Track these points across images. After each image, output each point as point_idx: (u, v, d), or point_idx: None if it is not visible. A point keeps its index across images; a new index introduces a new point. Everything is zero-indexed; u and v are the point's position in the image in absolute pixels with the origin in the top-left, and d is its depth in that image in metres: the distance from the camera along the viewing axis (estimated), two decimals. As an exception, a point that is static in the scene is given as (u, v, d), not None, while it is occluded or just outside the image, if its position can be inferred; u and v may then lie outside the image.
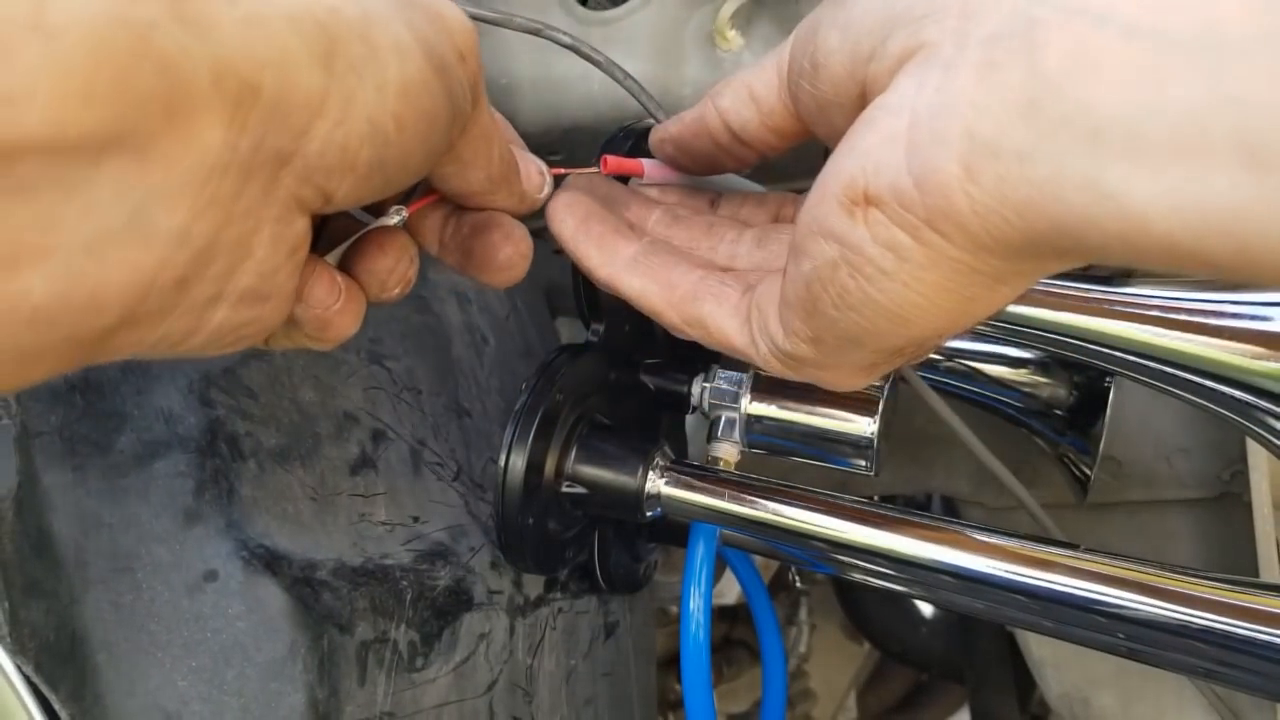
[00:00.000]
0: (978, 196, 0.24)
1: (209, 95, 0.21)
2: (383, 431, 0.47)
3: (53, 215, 0.18)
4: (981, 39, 0.25)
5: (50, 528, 0.36)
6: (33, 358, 0.20)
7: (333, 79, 0.24)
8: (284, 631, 0.38)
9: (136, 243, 0.20)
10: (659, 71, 0.58)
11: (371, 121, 0.25)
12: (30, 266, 0.18)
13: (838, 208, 0.28)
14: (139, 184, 0.20)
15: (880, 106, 0.27)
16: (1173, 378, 0.41)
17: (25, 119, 0.17)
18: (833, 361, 0.32)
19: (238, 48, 0.21)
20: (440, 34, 0.28)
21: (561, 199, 0.38)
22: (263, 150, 0.23)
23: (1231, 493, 0.65)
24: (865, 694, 1.39)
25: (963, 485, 0.75)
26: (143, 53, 0.19)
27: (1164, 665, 0.39)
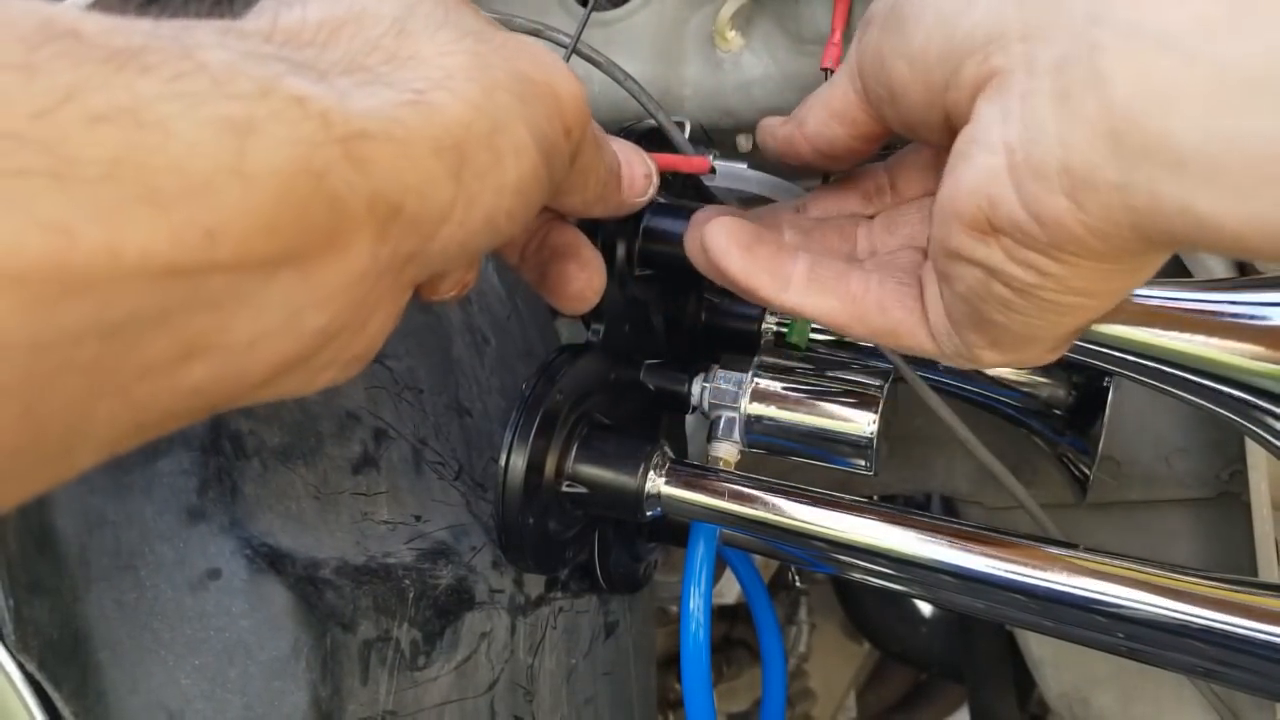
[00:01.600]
0: (1091, 223, 0.26)
1: (363, 219, 0.24)
2: (384, 431, 0.47)
3: (228, 321, 0.21)
4: (1049, 66, 0.26)
5: (53, 525, 0.36)
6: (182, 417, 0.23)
7: (460, 188, 0.26)
8: (287, 630, 0.38)
9: (287, 338, 0.23)
10: (659, 72, 0.59)
11: (488, 220, 0.28)
12: (199, 360, 0.21)
13: (967, 238, 0.29)
14: (300, 294, 0.23)
15: (970, 140, 0.28)
16: (1172, 378, 0.41)
17: (221, 248, 0.20)
18: (1019, 355, 0.33)
19: (390, 178, 0.24)
20: (553, 118, 0.30)
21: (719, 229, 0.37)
22: (398, 256, 0.26)
23: (1230, 493, 0.66)
24: (865, 693, 1.39)
25: (962, 485, 0.75)
26: (318, 193, 0.22)
27: (1163, 665, 0.39)
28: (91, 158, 0.18)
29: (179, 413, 0.23)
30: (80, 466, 0.21)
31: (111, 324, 0.19)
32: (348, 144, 0.23)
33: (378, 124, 0.24)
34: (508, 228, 0.29)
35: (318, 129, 0.22)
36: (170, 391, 0.21)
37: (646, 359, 0.55)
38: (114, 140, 0.18)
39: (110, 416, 0.20)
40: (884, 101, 0.33)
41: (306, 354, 0.25)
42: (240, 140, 0.20)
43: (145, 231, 0.19)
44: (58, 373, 0.18)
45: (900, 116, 0.33)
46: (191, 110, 0.20)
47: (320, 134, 0.22)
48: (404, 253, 0.26)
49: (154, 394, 0.21)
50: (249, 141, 0.20)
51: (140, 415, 0.21)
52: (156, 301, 0.19)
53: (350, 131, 0.23)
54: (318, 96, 0.23)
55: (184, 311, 0.20)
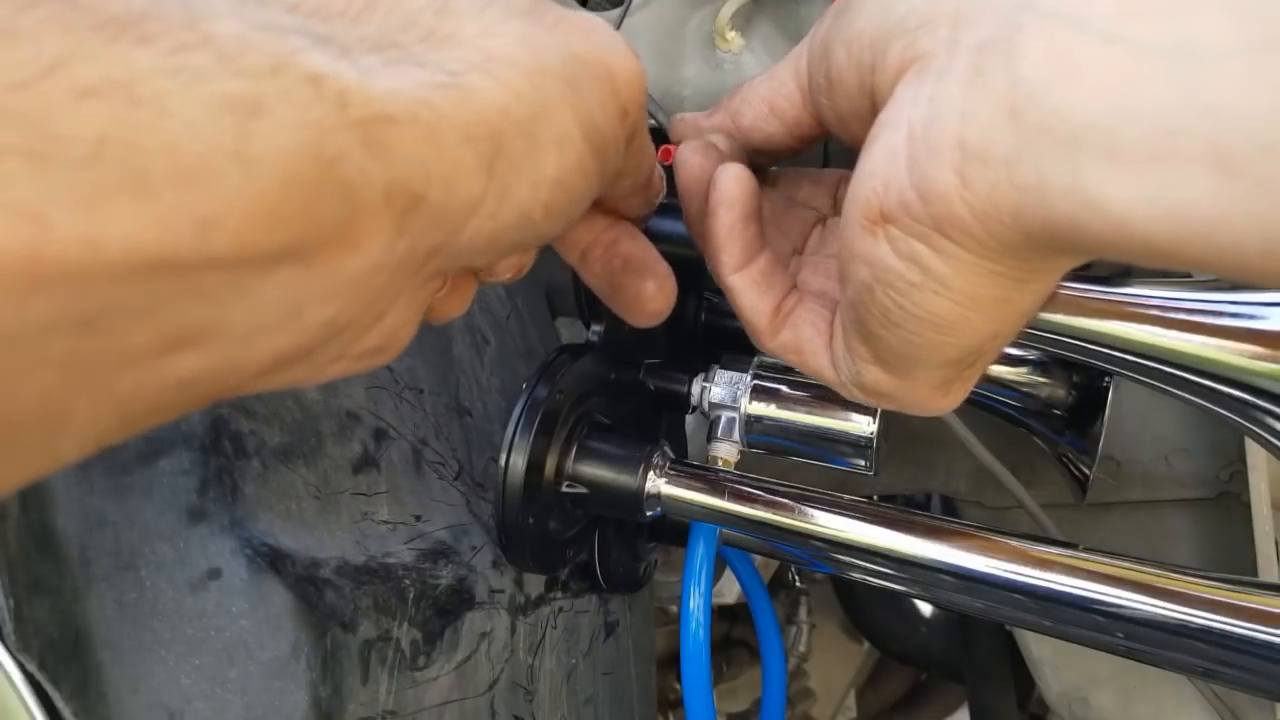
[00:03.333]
0: (974, 203, 0.25)
1: (379, 210, 0.22)
2: (385, 430, 0.47)
3: (221, 315, 0.20)
4: (970, 47, 0.25)
5: (54, 525, 0.36)
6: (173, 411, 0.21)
7: (492, 180, 0.24)
8: (287, 630, 0.38)
9: (287, 331, 0.22)
10: (659, 72, 0.59)
11: (523, 214, 0.26)
12: (188, 351, 0.20)
13: (860, 230, 0.28)
14: (303, 288, 0.21)
15: (881, 122, 0.28)
16: (1172, 377, 0.41)
17: (215, 240, 0.18)
18: (907, 383, 0.32)
19: (411, 166, 0.22)
20: (607, 102, 0.28)
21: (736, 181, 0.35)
22: (418, 249, 0.23)
23: (1230, 493, 0.66)
24: (865, 693, 1.39)
25: (962, 485, 0.75)
26: (328, 181, 0.20)
27: (1163, 664, 0.39)
28: (75, 136, 0.16)
29: (169, 406, 0.21)
30: (64, 459, 0.19)
31: (88, 317, 0.17)
32: (366, 128, 0.21)
33: (402, 106, 0.22)
34: (545, 223, 0.27)
35: (332, 111, 0.20)
36: (157, 385, 0.20)
37: (646, 359, 0.55)
38: (102, 117, 0.17)
39: (91, 411, 0.19)
40: (821, 91, 0.32)
41: (310, 347, 0.23)
42: (243, 121, 0.18)
43: (129, 221, 0.17)
44: (28, 366, 0.17)
45: (835, 106, 0.32)
46: (191, 87, 0.18)
47: (334, 116, 0.20)
48: (425, 246, 0.24)
49: (139, 387, 0.19)
50: (253, 123, 0.19)
51: (125, 409, 0.20)
52: (140, 295, 0.18)
53: (370, 114, 0.21)
54: (336, 75, 0.21)
55: (171, 305, 0.19)
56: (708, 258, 0.37)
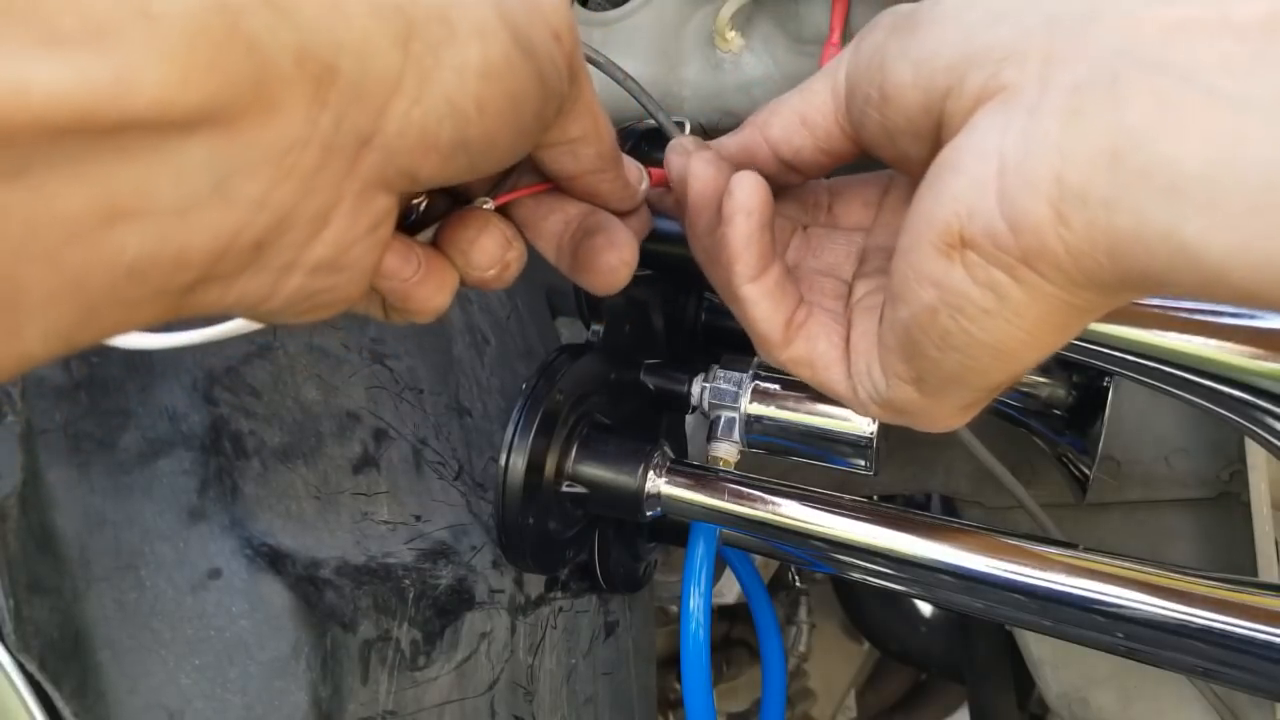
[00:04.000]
0: (1070, 240, 0.25)
1: (292, 76, 0.22)
2: (385, 430, 0.47)
3: (148, 180, 0.20)
4: (1066, 86, 0.25)
5: (54, 525, 0.36)
6: (132, 307, 0.22)
7: (409, 59, 0.25)
8: (287, 630, 0.38)
9: (220, 207, 0.22)
10: (659, 72, 0.59)
11: (450, 102, 0.26)
12: (126, 225, 0.20)
13: (933, 252, 0.28)
14: (225, 155, 0.22)
15: (964, 150, 0.28)
16: (1172, 378, 0.41)
17: (133, 97, 0.19)
18: (935, 403, 0.32)
19: (319, 31, 0.23)
20: (532, 14, 0.28)
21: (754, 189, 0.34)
22: (343, 128, 0.24)
23: (1230, 493, 0.66)
24: (865, 693, 1.39)
25: (962, 485, 0.75)
26: (235, 36, 0.21)
27: (1163, 664, 0.39)
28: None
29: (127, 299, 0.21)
30: (32, 353, 0.20)
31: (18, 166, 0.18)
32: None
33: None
34: (482, 121, 0.27)
35: None
36: (105, 264, 0.20)
37: (646, 359, 0.55)
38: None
39: (47, 289, 0.20)
40: (870, 103, 0.32)
41: (252, 235, 0.23)
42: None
43: (49, 74, 0.18)
44: None
45: (884, 121, 0.32)
46: None
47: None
48: (351, 126, 0.24)
49: (87, 264, 0.20)
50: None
51: (82, 291, 0.20)
52: (66, 149, 0.19)
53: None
54: None
55: (98, 162, 0.19)
56: (717, 269, 0.36)
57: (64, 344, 0.21)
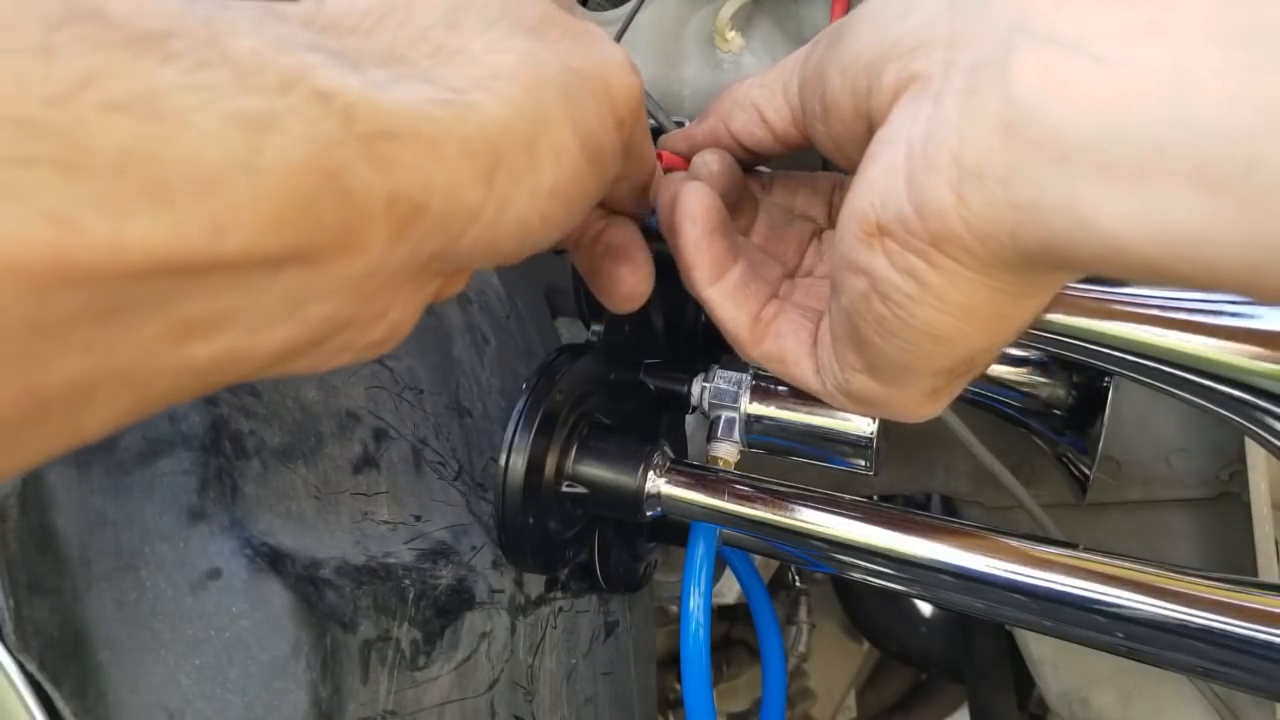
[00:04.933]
0: (971, 221, 0.25)
1: (379, 218, 0.23)
2: (385, 430, 0.47)
3: (230, 310, 0.21)
4: (965, 67, 0.25)
5: (54, 525, 0.36)
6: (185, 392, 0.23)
7: (491, 193, 0.26)
8: (287, 630, 0.38)
9: (291, 325, 0.23)
10: (659, 72, 0.59)
11: (521, 222, 0.27)
12: (200, 342, 0.21)
13: (857, 242, 0.29)
14: (305, 286, 0.22)
15: (879, 140, 0.28)
16: (1172, 378, 0.41)
17: (225, 244, 0.20)
18: (895, 391, 0.32)
19: (412, 177, 0.23)
20: (603, 112, 0.30)
21: (696, 197, 0.37)
22: (418, 254, 0.25)
23: (1230, 493, 0.66)
24: (865, 693, 1.39)
25: (962, 485, 0.75)
26: (330, 191, 0.21)
27: (1163, 664, 0.39)
28: (102, 147, 0.18)
29: (186, 388, 0.22)
30: (87, 435, 0.21)
31: (108, 310, 0.19)
32: (370, 142, 0.22)
33: (406, 122, 0.23)
34: (543, 230, 0.28)
35: (338, 126, 0.22)
36: (173, 371, 0.21)
37: (646, 359, 0.55)
38: (127, 130, 0.18)
39: (112, 392, 0.20)
40: (817, 117, 0.33)
41: (315, 339, 0.24)
42: (255, 136, 0.20)
43: (149, 224, 0.18)
44: (55, 352, 0.18)
45: (830, 132, 0.32)
46: (210, 103, 0.19)
47: (340, 131, 0.22)
48: (426, 252, 0.25)
49: (156, 373, 0.21)
50: (264, 137, 0.20)
51: (143, 391, 0.21)
52: (155, 291, 0.19)
53: (374, 130, 0.22)
54: (344, 91, 0.22)
55: (183, 300, 0.20)
56: (682, 275, 0.38)
57: (115, 425, 0.21)
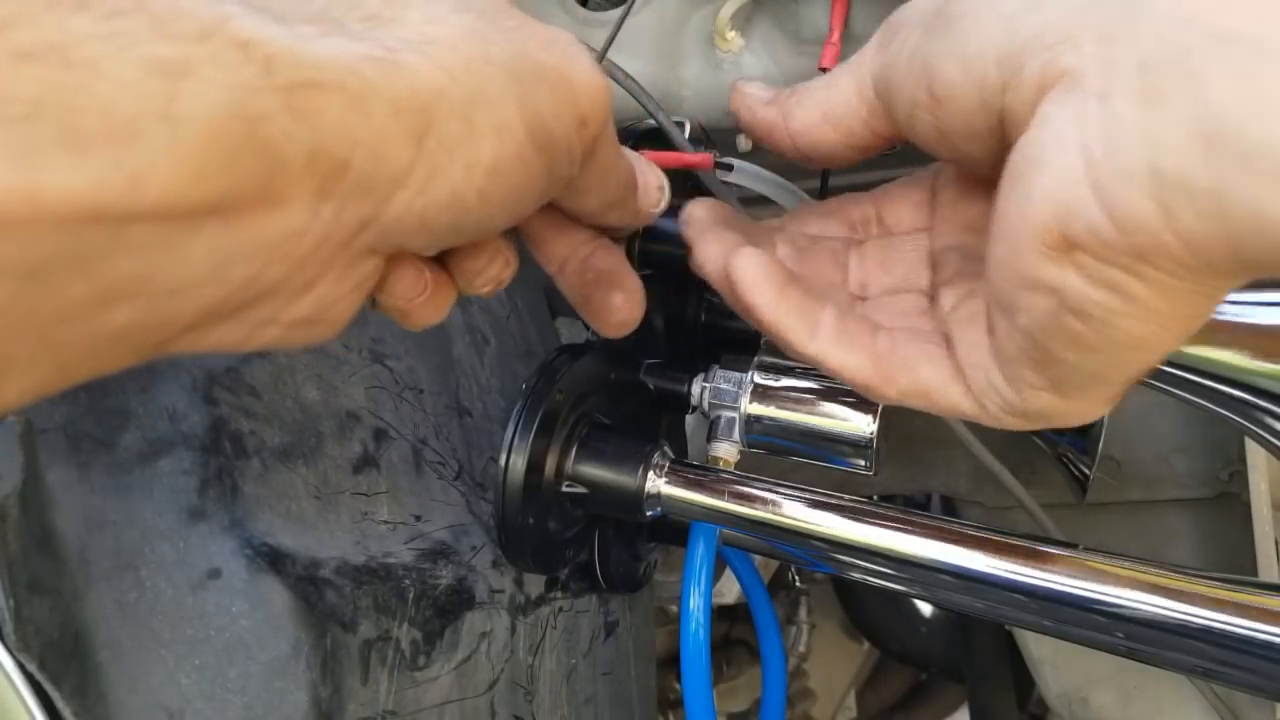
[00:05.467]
0: (1182, 232, 0.24)
1: (301, 173, 0.22)
2: (384, 430, 0.47)
3: (150, 269, 0.21)
4: (1131, 66, 0.24)
5: (54, 525, 0.36)
6: (107, 359, 0.22)
7: (421, 155, 0.25)
8: (287, 630, 0.38)
9: (211, 286, 0.23)
10: (659, 72, 0.59)
11: (454, 194, 0.26)
12: (120, 304, 0.21)
13: (1039, 258, 0.27)
14: (225, 244, 0.22)
15: (1043, 145, 0.26)
16: (1172, 378, 0.41)
17: (144, 195, 0.19)
18: (1077, 403, 0.31)
19: (336, 131, 0.23)
20: (560, 105, 0.29)
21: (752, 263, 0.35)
22: (343, 216, 0.24)
23: (1230, 493, 0.66)
24: (865, 693, 1.39)
25: (962, 485, 0.75)
26: (250, 141, 0.21)
27: (1163, 664, 0.39)
28: (13, 96, 0.18)
29: (103, 356, 0.22)
30: (6, 403, 0.21)
31: (28, 266, 0.19)
32: (292, 92, 0.22)
33: (330, 74, 0.23)
34: (481, 209, 0.27)
35: (258, 74, 0.21)
36: (91, 335, 0.21)
37: (646, 359, 0.55)
38: (38, 79, 0.18)
39: (30, 357, 0.20)
40: (920, 106, 0.31)
41: (237, 304, 0.24)
42: (172, 83, 0.20)
43: (65, 175, 0.18)
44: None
45: (938, 122, 0.30)
46: (123, 51, 0.19)
47: (260, 80, 0.21)
48: (352, 215, 0.24)
49: (74, 337, 0.21)
50: (181, 84, 0.20)
51: (62, 356, 0.21)
52: (76, 246, 0.19)
53: (297, 79, 0.22)
54: (266, 40, 0.21)
55: (105, 257, 0.20)
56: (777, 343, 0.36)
57: (35, 395, 0.21)
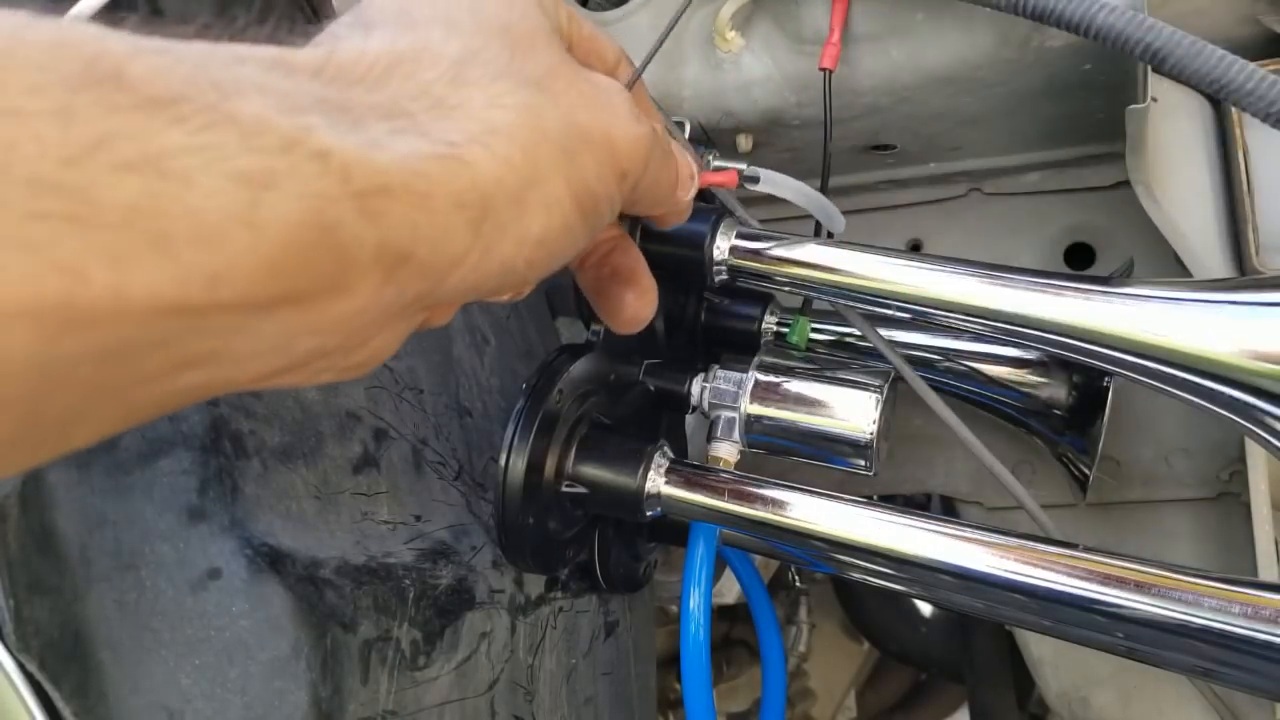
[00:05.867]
0: None
1: (369, 266, 0.24)
2: (385, 430, 0.47)
3: (222, 347, 0.22)
4: None
5: (54, 525, 0.36)
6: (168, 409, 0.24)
7: (478, 240, 0.27)
8: (287, 630, 0.38)
9: (278, 358, 0.24)
10: (659, 72, 0.59)
11: (504, 265, 0.28)
12: (190, 373, 0.22)
13: None
14: (295, 326, 0.24)
15: None
16: (1172, 378, 0.41)
17: (224, 291, 0.21)
18: None
19: (403, 229, 0.25)
20: (604, 167, 0.31)
21: None
22: (403, 296, 0.26)
23: (1230, 493, 0.66)
24: (865, 693, 1.39)
25: (962, 485, 0.75)
26: (324, 243, 0.23)
27: (1163, 664, 0.39)
28: (112, 204, 0.19)
29: (167, 407, 0.24)
30: (74, 446, 0.22)
31: (111, 351, 0.20)
32: (364, 198, 0.23)
33: (399, 178, 0.24)
34: (527, 272, 0.29)
35: (335, 184, 0.23)
36: (162, 395, 0.23)
37: (646, 359, 0.55)
38: (135, 188, 0.19)
39: (103, 416, 0.22)
40: None
41: (299, 366, 0.25)
42: (255, 193, 0.21)
43: (152, 275, 0.20)
44: (58, 389, 0.20)
45: None
46: (214, 163, 0.21)
47: (336, 189, 0.23)
48: (412, 292, 0.26)
49: (148, 397, 0.22)
50: (264, 194, 0.21)
51: (134, 411, 0.23)
52: (156, 333, 0.21)
53: (369, 186, 0.23)
54: (341, 150, 0.23)
55: (183, 341, 0.21)
56: None
57: (101, 437, 0.23)
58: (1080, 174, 0.67)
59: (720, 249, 0.49)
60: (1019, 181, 0.69)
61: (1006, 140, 0.65)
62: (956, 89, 0.57)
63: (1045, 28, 0.50)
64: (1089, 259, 0.68)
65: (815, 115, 0.58)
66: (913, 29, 0.54)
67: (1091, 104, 0.58)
